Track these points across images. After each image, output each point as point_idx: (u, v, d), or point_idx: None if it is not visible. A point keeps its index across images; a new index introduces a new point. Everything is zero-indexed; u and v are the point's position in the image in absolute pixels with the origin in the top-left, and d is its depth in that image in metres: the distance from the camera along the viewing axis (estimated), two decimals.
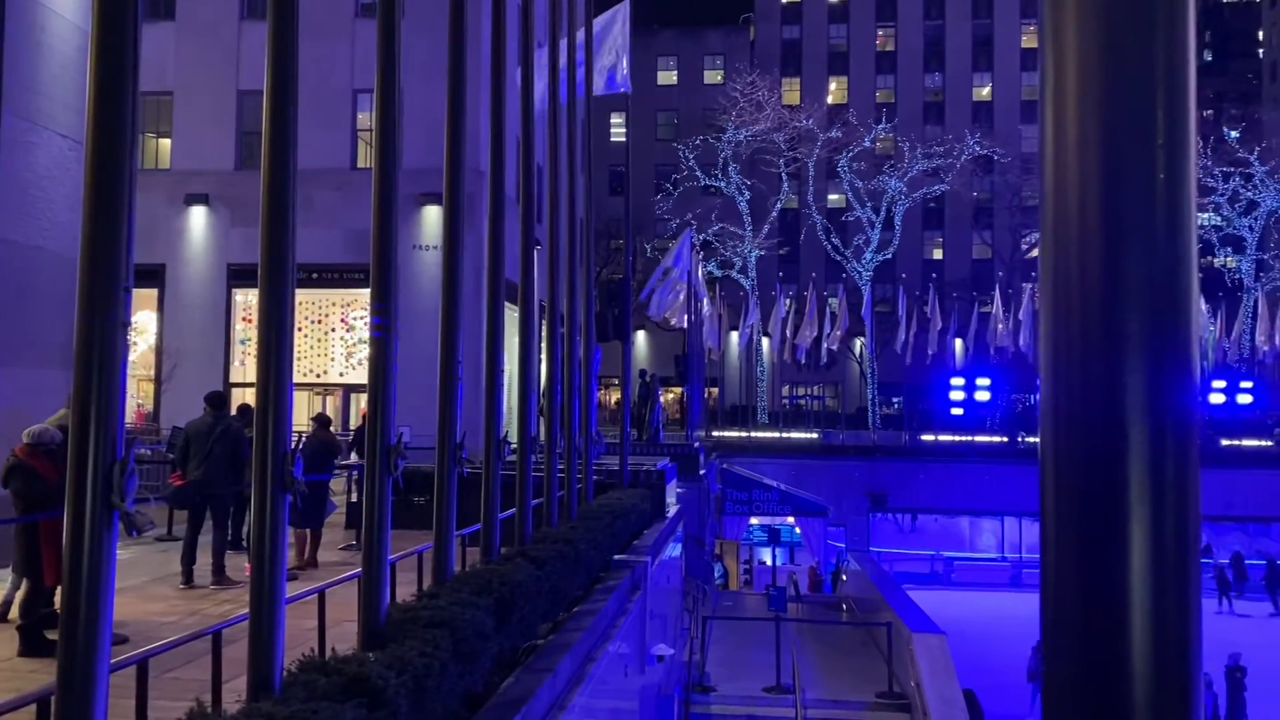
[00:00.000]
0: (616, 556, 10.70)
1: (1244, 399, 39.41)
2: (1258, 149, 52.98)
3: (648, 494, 13.68)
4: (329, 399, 27.65)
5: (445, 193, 6.73)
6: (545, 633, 7.55)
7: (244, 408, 11.82)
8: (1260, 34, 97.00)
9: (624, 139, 18.92)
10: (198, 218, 27.40)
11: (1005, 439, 39.88)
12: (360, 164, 26.47)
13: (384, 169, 5.78)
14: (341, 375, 27.13)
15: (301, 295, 26.83)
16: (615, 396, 49.94)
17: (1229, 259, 57.53)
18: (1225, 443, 38.91)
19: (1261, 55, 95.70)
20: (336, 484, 15.40)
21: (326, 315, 27.33)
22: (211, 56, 27.21)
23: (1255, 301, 45.51)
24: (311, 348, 27.19)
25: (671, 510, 15.66)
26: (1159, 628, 0.95)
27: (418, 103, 22.29)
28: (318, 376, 27.28)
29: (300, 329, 26.91)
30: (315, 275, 26.32)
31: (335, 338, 27.32)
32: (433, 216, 25.29)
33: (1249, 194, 52.52)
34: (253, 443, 4.67)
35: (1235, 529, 40.56)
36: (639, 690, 10.83)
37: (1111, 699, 0.95)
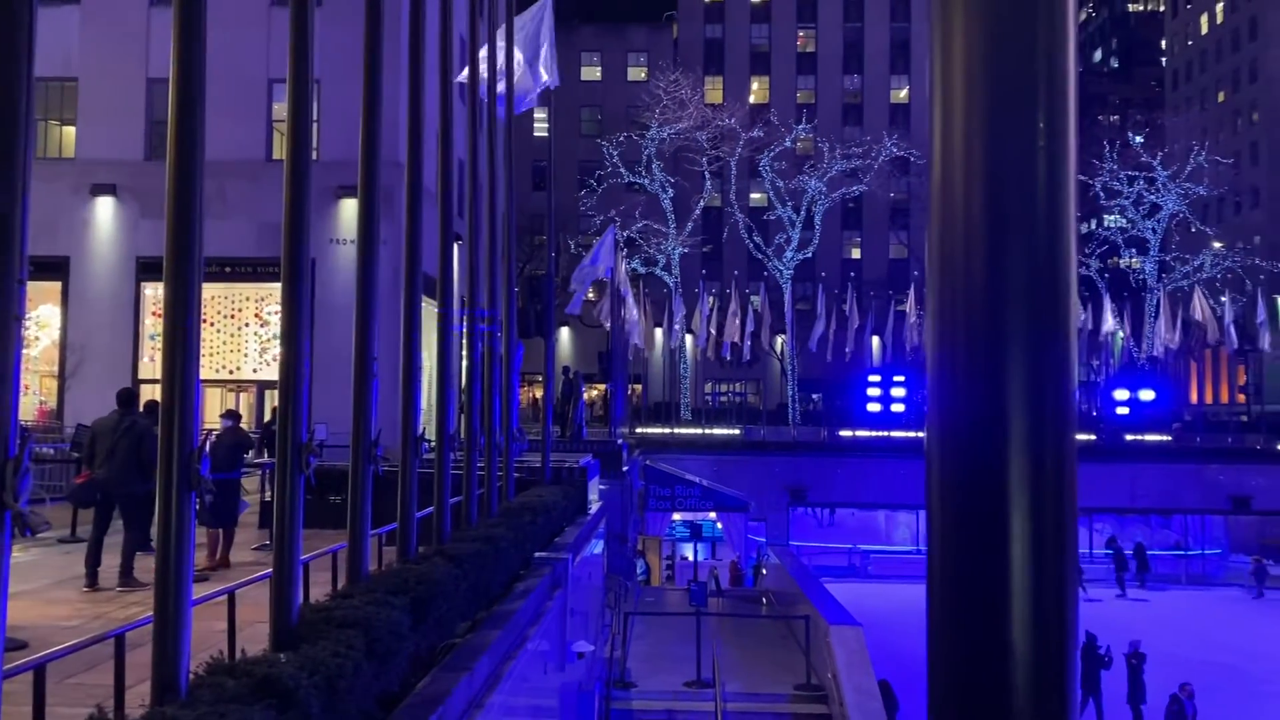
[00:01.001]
0: (538, 554, 10.67)
1: (1146, 395, 40.88)
2: (1160, 154, 55.00)
3: (570, 491, 13.66)
4: (243, 395, 27.03)
5: (360, 185, 6.62)
6: (464, 631, 7.49)
7: (151, 404, 11.50)
8: (1163, 43, 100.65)
9: (547, 134, 18.86)
10: (104, 209, 26.51)
11: (921, 434, 40.72)
12: (276, 155, 25.89)
13: (297, 160, 5.67)
14: (255, 371, 26.52)
15: (214, 289, 26.21)
16: (538, 393, 49.74)
17: (1134, 260, 59.59)
18: (1130, 438, 40.35)
19: (1164, 63, 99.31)
20: (250, 482, 15.07)
21: (240, 310, 26.70)
22: (118, 42, 26.33)
23: (1158, 301, 47.24)
24: (224, 343, 26.53)
25: (594, 507, 15.66)
26: (1038, 612, 0.99)
27: (336, 93, 21.90)
28: (230, 372, 26.64)
29: (213, 323, 26.22)
30: (228, 269, 25.69)
31: (249, 333, 26.70)
32: (351, 210, 24.87)
33: (1152, 197, 54.50)
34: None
35: (1139, 520, 42.09)
36: (559, 687, 10.82)
37: (993, 679, 0.99)
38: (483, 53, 11.13)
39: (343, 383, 6.98)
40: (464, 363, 12.21)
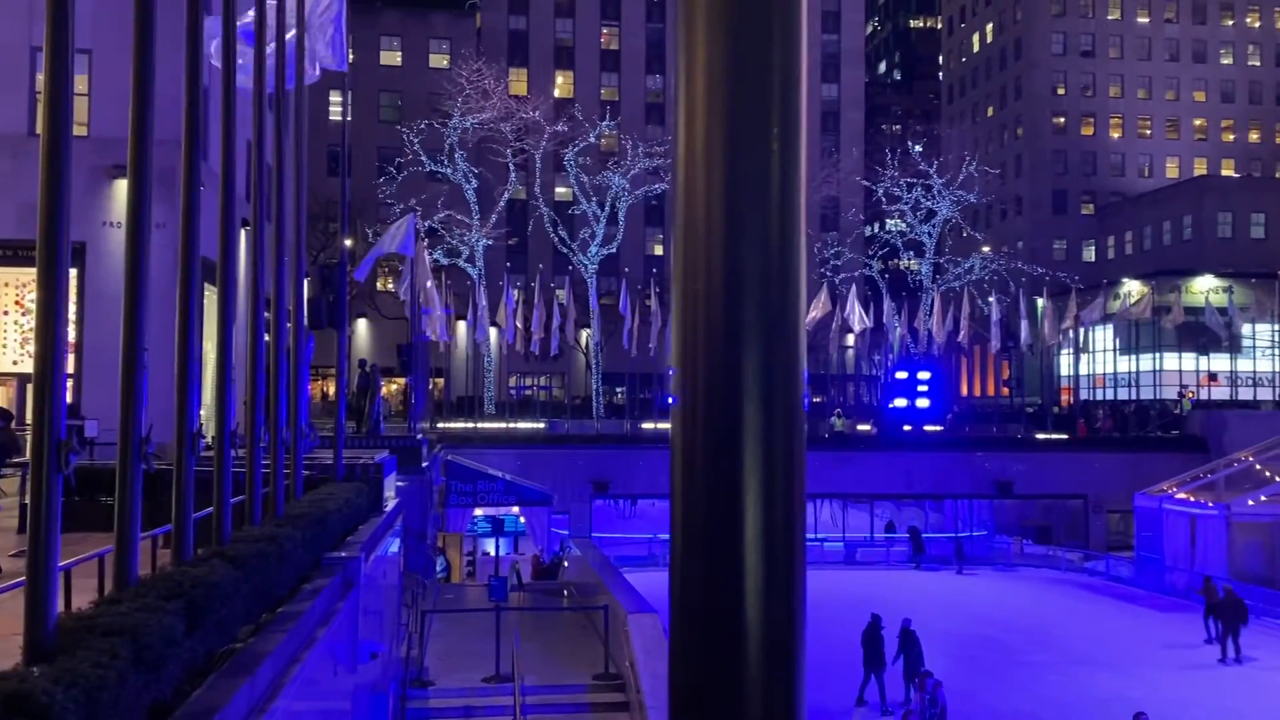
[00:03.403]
0: (328, 554, 10.32)
1: (923, 389, 43.72)
2: (937, 163, 58.93)
3: (364, 488, 13.28)
4: (1, 390, 24.80)
5: (130, 164, 6.20)
6: (246, 636, 7.16)
7: None
8: (940, 59, 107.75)
9: (342, 117, 18.17)
10: None
11: None
12: (40, 130, 23.82)
13: (55, 135, 5.24)
14: (15, 364, 24.38)
15: None
16: (331, 387, 48.04)
17: (912, 262, 63.55)
18: (906, 429, 43.08)
19: (941, 78, 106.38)
20: (8, 484, 13.86)
21: None
22: None
23: (933, 301, 50.62)
24: None
25: (390, 505, 15.29)
26: (770, 589, 1.05)
27: (113, 65, 20.35)
28: None
29: None
30: None
31: (9, 322, 24.52)
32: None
33: (928, 203, 58.33)
34: None
35: (914, 505, 45.01)
36: (352, 689, 10.52)
37: (729, 655, 1.04)
38: (270, 21, 10.63)
39: (119, 375, 6.52)
40: (249, 354, 11.64)
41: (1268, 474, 34.02)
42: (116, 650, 4.77)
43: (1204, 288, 59.95)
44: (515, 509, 34.91)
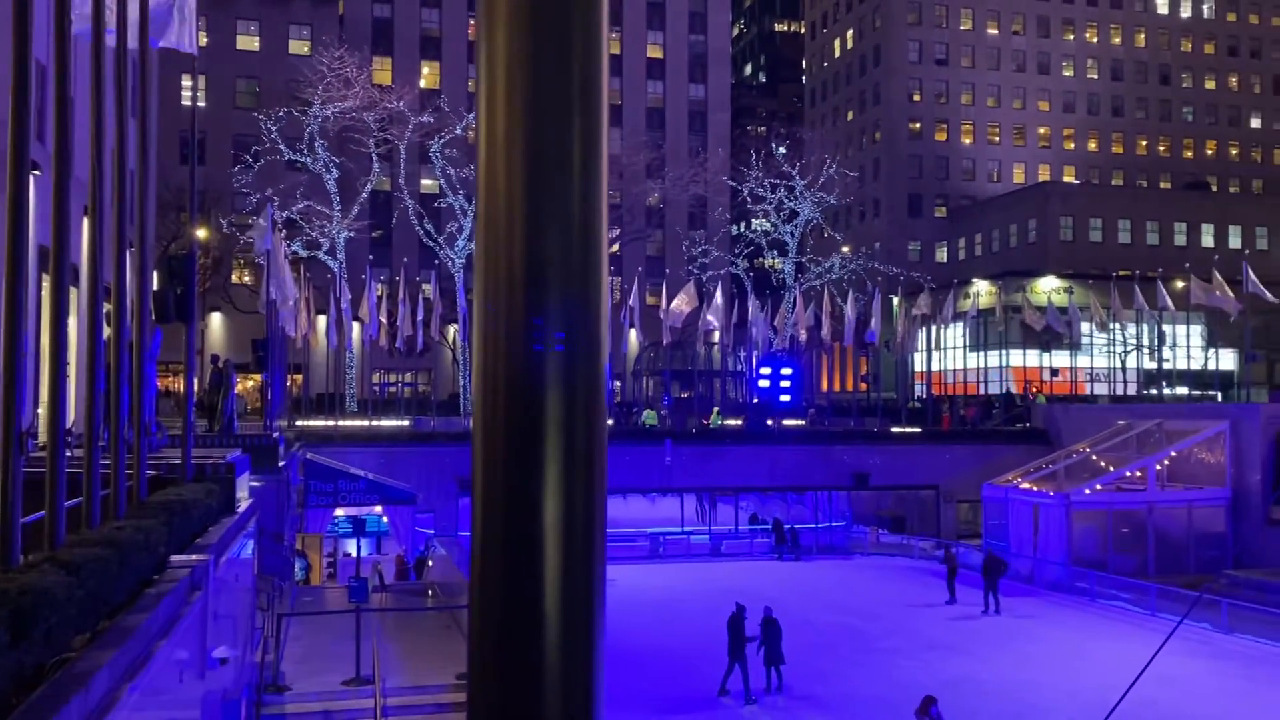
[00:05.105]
0: (175, 557, 9.86)
1: (785, 384, 44.81)
2: (799, 164, 60.46)
3: (214, 488, 12.72)
4: None
5: None
6: (81, 645, 6.77)
7: None
8: (804, 62, 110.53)
9: (191, 102, 17.37)
10: None
11: None
12: None
13: None
14: None
15: None
16: (181, 384, 45.99)
17: (775, 261, 65.06)
18: (770, 422, 44.06)
19: (805, 82, 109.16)
20: None
21: None
22: None
23: (795, 299, 51.93)
24: None
25: (243, 505, 14.72)
26: (568, 581, 1.05)
27: None
28: None
29: None
30: None
31: None
32: None
33: (791, 204, 59.81)
34: None
35: (777, 498, 46.12)
36: (200, 697, 10.09)
37: (528, 647, 1.03)
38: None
39: None
40: (88, 348, 11.01)
41: (1103, 464, 36.22)
42: None
43: (1047, 288, 63.39)
44: (378, 509, 34.15)
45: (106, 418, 9.58)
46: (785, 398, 44.25)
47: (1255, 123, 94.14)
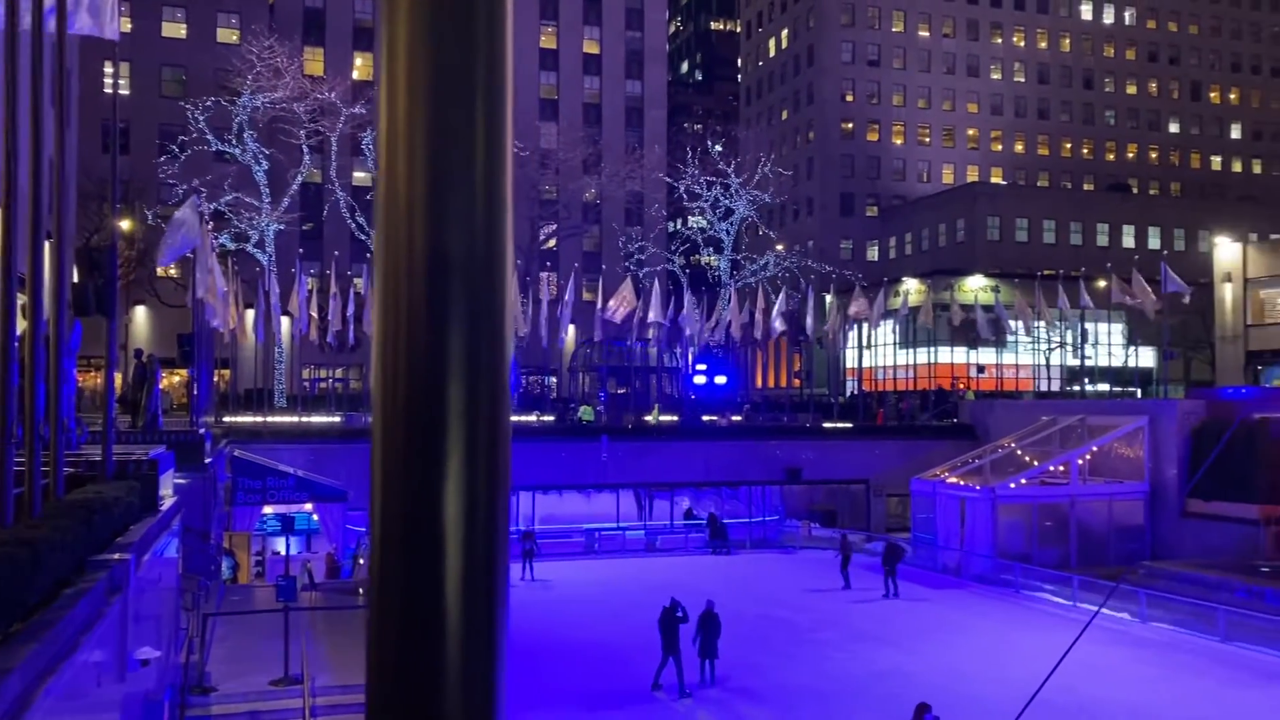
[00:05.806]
0: (94, 557, 9.60)
1: (720, 380, 45.09)
2: (735, 163, 60.85)
3: (136, 486, 12.41)
4: None
5: None
6: None
7: None
8: (739, 61, 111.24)
9: (113, 89, 16.85)
10: None
11: (525, 418, 42.00)
12: None
13: None
14: None
15: None
16: (101, 379, 44.71)
17: (711, 258, 65.41)
18: (706, 418, 44.32)
19: (740, 80, 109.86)
20: None
21: None
22: None
23: (730, 296, 52.27)
24: None
25: (167, 503, 14.37)
26: (469, 579, 1.04)
27: None
28: None
29: None
30: None
31: None
32: None
33: (727, 202, 60.17)
34: None
35: (712, 493, 46.40)
36: (121, 699, 9.85)
37: (427, 648, 1.02)
38: None
39: None
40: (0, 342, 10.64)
41: (1027, 459, 37.10)
42: None
43: (975, 286, 64.69)
44: (308, 506, 33.60)
45: (20, 414, 9.28)
46: (722, 379, 44.41)
47: (1174, 127, 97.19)
